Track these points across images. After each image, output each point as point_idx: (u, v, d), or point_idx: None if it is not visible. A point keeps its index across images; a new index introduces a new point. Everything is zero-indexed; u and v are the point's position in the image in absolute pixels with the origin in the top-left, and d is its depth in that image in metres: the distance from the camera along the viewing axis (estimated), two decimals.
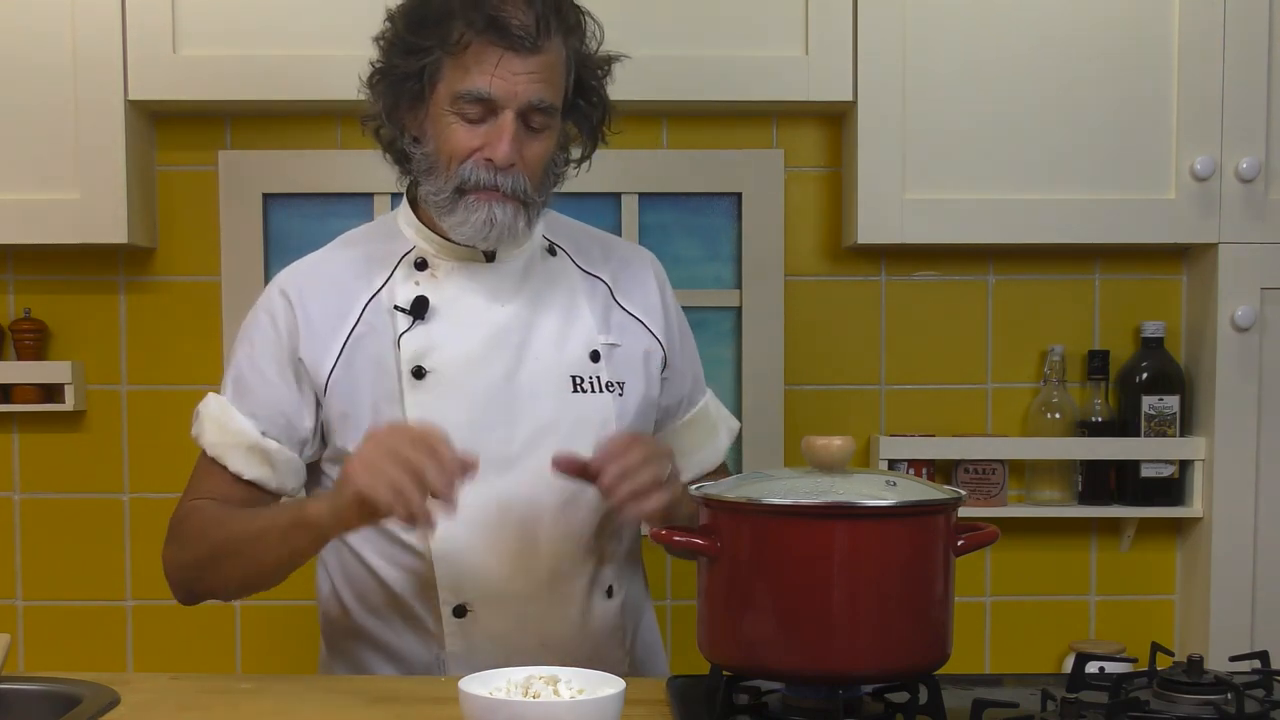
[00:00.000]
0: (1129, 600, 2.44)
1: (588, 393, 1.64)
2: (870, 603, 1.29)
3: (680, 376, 1.78)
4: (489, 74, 1.52)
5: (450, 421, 1.56)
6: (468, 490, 1.50)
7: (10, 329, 2.35)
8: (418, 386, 1.60)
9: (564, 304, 1.67)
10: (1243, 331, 2.23)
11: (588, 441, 1.60)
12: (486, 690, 1.25)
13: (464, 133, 1.55)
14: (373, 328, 1.62)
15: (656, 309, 1.75)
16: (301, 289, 1.65)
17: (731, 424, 1.85)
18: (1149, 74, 2.20)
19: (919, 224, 2.20)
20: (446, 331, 1.62)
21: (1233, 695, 1.30)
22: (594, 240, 1.78)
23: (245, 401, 1.64)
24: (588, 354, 1.65)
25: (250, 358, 1.65)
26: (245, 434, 1.63)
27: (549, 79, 1.56)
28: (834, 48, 2.20)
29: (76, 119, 2.17)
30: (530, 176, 1.57)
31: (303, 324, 1.63)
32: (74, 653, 2.40)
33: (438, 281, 1.64)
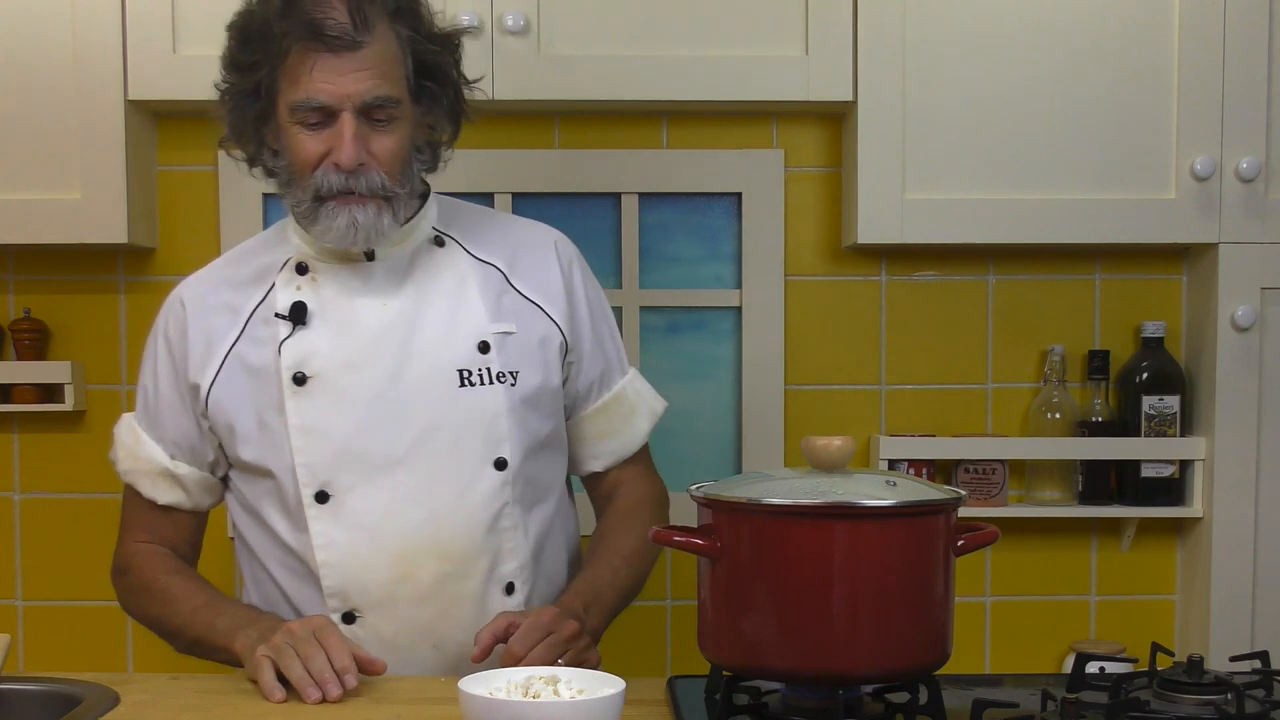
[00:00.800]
0: (1129, 600, 2.44)
1: (476, 386, 1.61)
2: (870, 603, 1.29)
3: (589, 361, 1.72)
4: (316, 80, 1.51)
5: (332, 426, 1.58)
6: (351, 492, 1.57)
7: (10, 329, 2.35)
8: (299, 393, 1.59)
9: (451, 295, 1.64)
10: (1243, 331, 2.23)
11: (477, 435, 1.60)
12: (486, 690, 1.25)
13: (308, 141, 1.54)
14: (256, 337, 1.63)
15: (558, 292, 1.69)
16: (192, 305, 1.67)
17: (655, 405, 1.80)
18: (1149, 74, 2.20)
19: (919, 224, 2.20)
20: (326, 335, 1.61)
21: (1233, 695, 1.30)
22: (492, 225, 1.74)
23: (152, 426, 1.68)
24: (475, 345, 1.62)
25: (153, 379, 1.69)
26: (154, 460, 1.67)
27: (381, 72, 1.52)
28: (834, 48, 2.20)
29: (76, 119, 2.17)
30: (387, 171, 1.55)
31: (191, 343, 1.65)
32: (74, 653, 2.40)
33: (317, 285, 1.63)
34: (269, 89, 1.55)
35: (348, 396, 1.59)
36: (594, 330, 1.73)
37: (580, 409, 1.74)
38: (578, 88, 2.19)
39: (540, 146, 2.37)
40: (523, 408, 1.64)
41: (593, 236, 2.38)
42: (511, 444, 1.62)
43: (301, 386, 1.59)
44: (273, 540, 1.65)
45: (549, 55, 2.18)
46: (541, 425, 1.67)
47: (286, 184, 1.59)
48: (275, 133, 1.58)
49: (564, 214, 2.37)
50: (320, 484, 1.59)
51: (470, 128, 2.36)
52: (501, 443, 1.62)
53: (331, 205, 1.55)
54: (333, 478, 1.59)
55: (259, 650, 1.48)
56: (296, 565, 1.64)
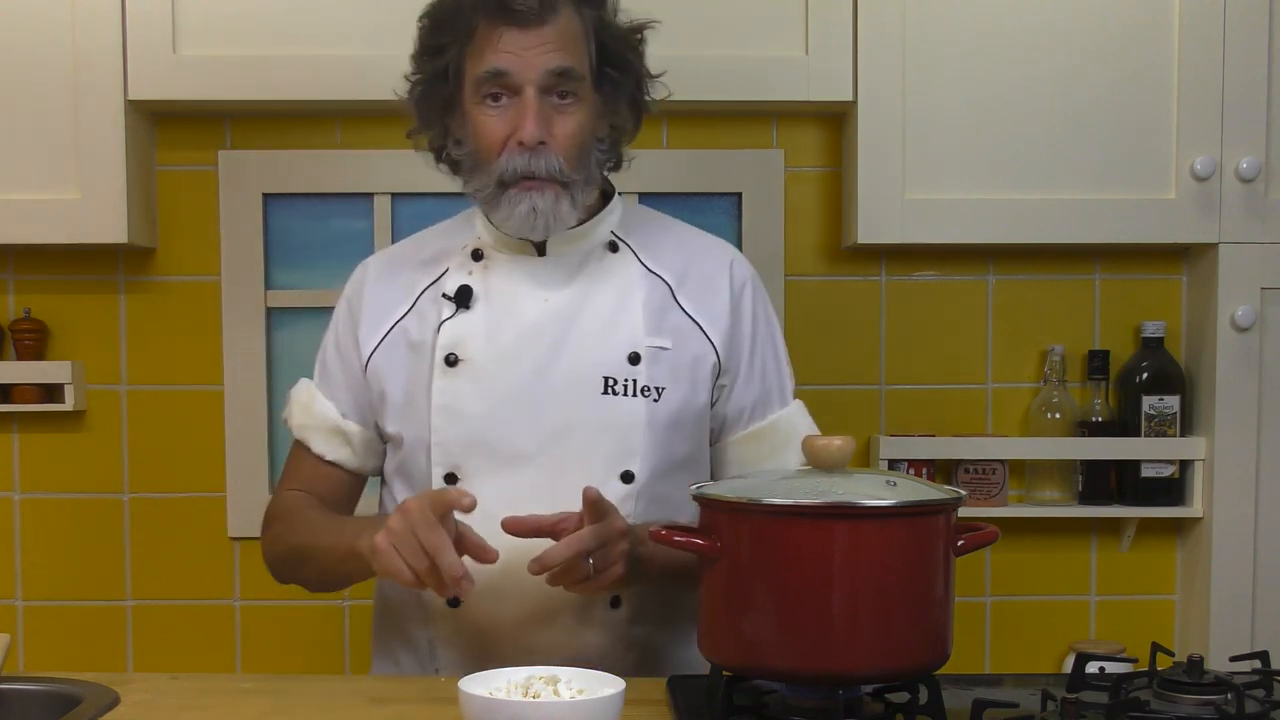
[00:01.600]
0: (1129, 600, 2.44)
1: (619, 395, 1.60)
2: (870, 603, 1.29)
3: (744, 386, 1.70)
4: (501, 52, 1.53)
5: (472, 410, 1.60)
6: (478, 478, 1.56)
7: (10, 329, 2.35)
8: (447, 373, 1.61)
9: (614, 302, 1.64)
10: (1243, 331, 2.23)
11: (609, 444, 1.59)
12: (486, 690, 1.25)
13: (492, 121, 1.55)
14: (422, 314, 1.66)
15: (723, 314, 1.67)
16: (374, 274, 1.72)
17: None
18: (1149, 74, 2.20)
19: (919, 224, 2.20)
20: (484, 321, 1.62)
21: (1233, 695, 1.30)
22: (671, 236, 1.73)
23: (327, 385, 1.72)
24: (626, 355, 1.61)
25: (333, 341, 1.73)
26: (327, 416, 1.70)
27: (564, 47, 1.54)
28: (834, 48, 2.20)
29: (76, 119, 2.17)
30: (564, 156, 1.55)
31: (366, 310, 1.69)
32: (74, 653, 2.40)
33: (488, 272, 1.65)
34: (456, 71, 1.57)
35: (492, 384, 1.60)
36: (755, 356, 1.70)
37: (729, 433, 1.72)
38: None
39: None
40: (662, 425, 1.62)
41: None
42: (643, 459, 1.61)
43: (452, 368, 1.61)
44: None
45: None
46: (680, 446, 1.65)
47: (471, 170, 1.60)
48: (460, 120, 1.60)
49: None
50: (451, 465, 1.60)
51: None
52: (633, 456, 1.60)
53: (513, 192, 1.56)
54: (464, 461, 1.60)
55: (378, 538, 1.44)
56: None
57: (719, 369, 1.67)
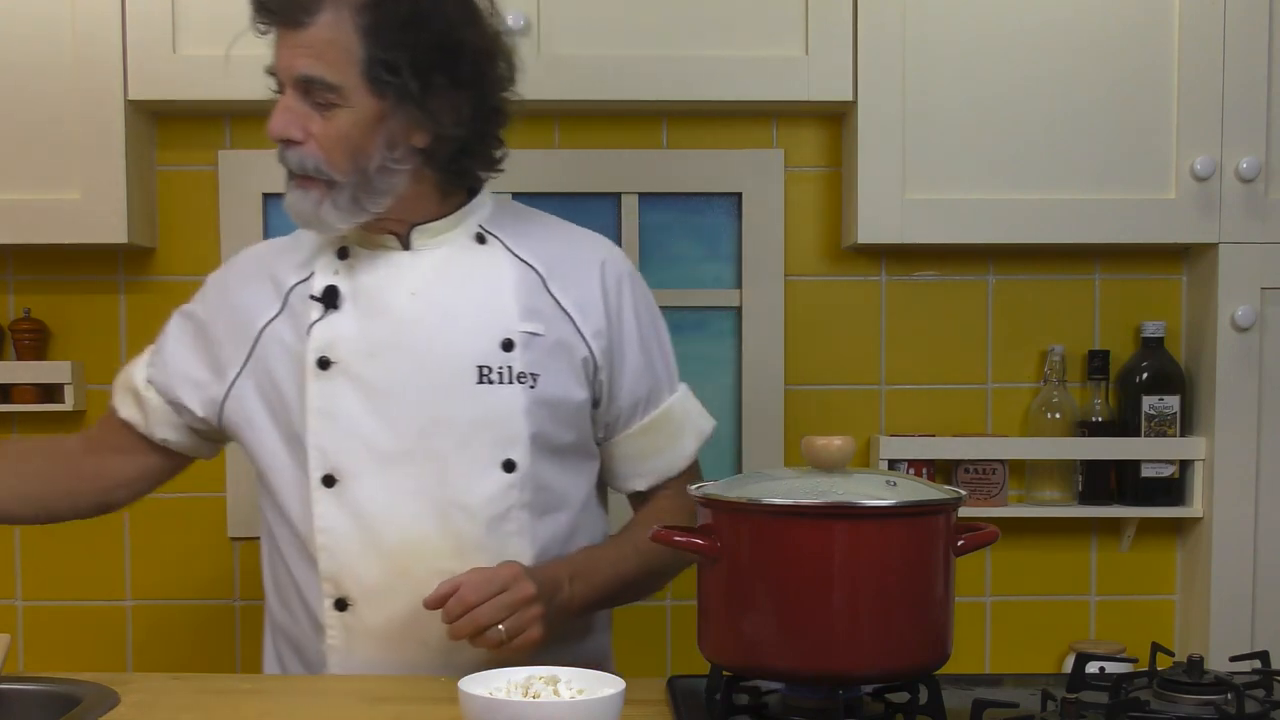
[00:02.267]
0: (1129, 600, 2.44)
1: (494, 384, 1.59)
2: (870, 603, 1.29)
3: (636, 380, 1.69)
4: (276, 49, 1.56)
5: (347, 412, 1.59)
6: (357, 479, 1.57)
7: (10, 329, 2.34)
8: (321, 377, 1.60)
9: (482, 291, 1.62)
10: (1243, 331, 2.23)
11: (488, 433, 1.58)
12: (486, 690, 1.25)
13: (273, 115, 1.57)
14: (294, 316, 1.64)
15: (595, 306, 1.65)
16: (241, 272, 1.71)
17: (703, 425, 1.76)
18: (1149, 74, 2.20)
19: (919, 224, 2.20)
20: (353, 322, 1.61)
21: (1233, 695, 1.30)
22: (543, 227, 1.72)
23: (154, 356, 1.74)
24: (499, 343, 1.60)
25: (178, 319, 1.74)
26: (132, 377, 1.73)
27: (320, 54, 1.52)
28: (834, 48, 2.20)
29: (76, 119, 2.17)
30: (325, 155, 1.53)
31: (229, 308, 1.68)
32: (74, 653, 2.40)
33: (353, 270, 1.63)
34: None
35: (366, 384, 1.59)
36: (642, 350, 1.69)
37: (624, 428, 1.71)
38: (578, 88, 2.19)
39: (540, 146, 2.37)
40: (540, 411, 1.61)
41: None
42: (523, 447, 1.60)
43: (325, 371, 1.60)
44: (284, 523, 1.65)
45: (549, 55, 2.18)
46: (560, 433, 1.64)
47: None
48: None
49: (564, 214, 2.34)
50: (329, 468, 1.59)
51: None
52: (513, 444, 1.59)
53: (291, 183, 1.58)
54: (341, 463, 1.59)
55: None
56: (302, 549, 1.63)
57: (594, 365, 1.65)
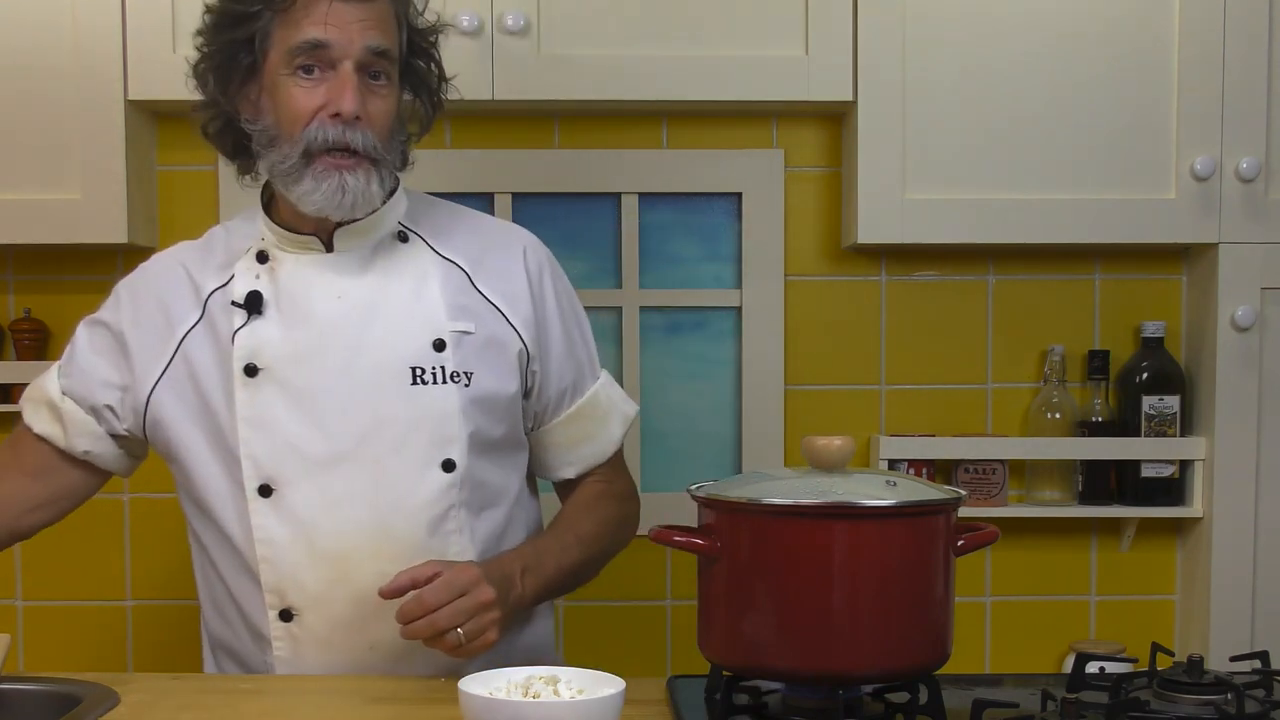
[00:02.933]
0: (1129, 600, 2.44)
1: (429, 384, 1.57)
2: (870, 603, 1.29)
3: (561, 369, 1.68)
4: (322, 22, 1.49)
5: (279, 419, 1.56)
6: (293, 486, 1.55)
7: (10, 329, 2.34)
8: (249, 384, 1.57)
9: (410, 291, 1.60)
10: (1243, 331, 2.23)
11: (425, 434, 1.57)
12: (486, 690, 1.25)
13: (304, 92, 1.51)
14: (213, 324, 1.60)
15: (522, 298, 1.65)
16: (158, 277, 1.66)
17: (627, 410, 1.76)
18: (1149, 74, 2.20)
19: (919, 224, 2.20)
20: (279, 327, 1.58)
21: (1233, 695, 1.30)
22: (461, 223, 1.70)
23: (65, 367, 1.68)
24: (431, 343, 1.58)
25: (88, 328, 1.69)
26: (46, 390, 1.67)
27: (383, 27, 1.52)
28: (834, 48, 2.20)
29: (76, 119, 2.17)
30: (378, 133, 1.53)
31: (145, 313, 1.64)
32: (74, 653, 2.40)
33: (275, 275, 1.60)
34: (263, 40, 1.52)
35: (296, 390, 1.56)
36: (565, 337, 1.69)
37: (553, 416, 1.71)
38: (578, 88, 2.19)
39: (540, 146, 2.37)
40: (475, 409, 1.60)
41: (593, 236, 2.38)
42: (460, 446, 1.59)
43: (252, 378, 1.56)
44: (218, 535, 1.62)
45: (549, 55, 2.18)
46: (494, 429, 1.63)
47: (268, 145, 1.54)
48: (256, 95, 1.55)
49: (564, 214, 2.38)
50: (264, 477, 1.56)
51: (470, 128, 2.37)
52: (450, 444, 1.58)
53: (320, 167, 1.51)
54: (277, 472, 1.56)
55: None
56: (240, 561, 1.61)
57: (527, 355, 1.65)
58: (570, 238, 2.37)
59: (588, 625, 2.37)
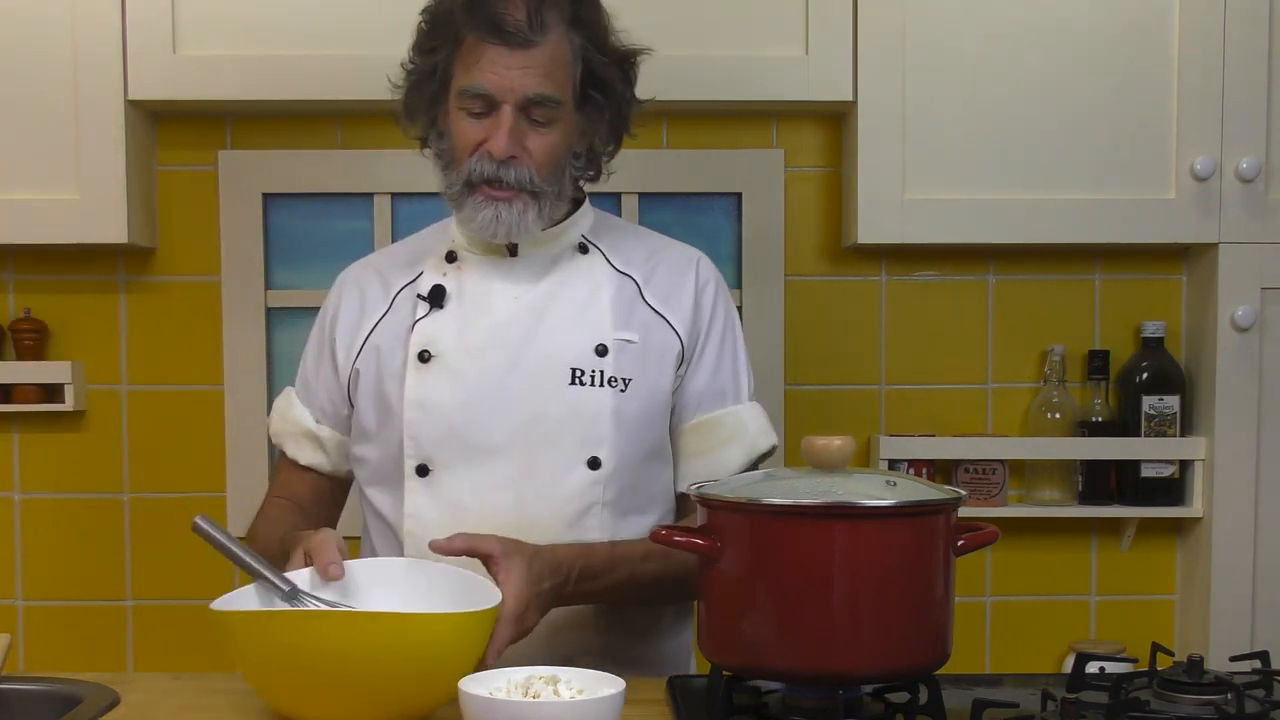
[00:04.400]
0: (1129, 600, 2.44)
1: (586, 386, 1.64)
2: (870, 603, 1.29)
3: (701, 375, 1.71)
4: (485, 70, 1.57)
5: (444, 404, 1.64)
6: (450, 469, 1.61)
7: (10, 329, 2.34)
8: (420, 369, 1.65)
9: (583, 298, 1.68)
10: (1243, 331, 2.23)
11: (576, 432, 1.62)
12: (486, 690, 1.25)
13: (469, 127, 1.60)
14: (399, 314, 1.70)
15: (686, 305, 1.72)
16: (352, 282, 1.77)
17: (759, 442, 1.73)
18: (1149, 74, 2.20)
19: (919, 224, 2.20)
20: (456, 319, 1.67)
21: (1233, 695, 1.30)
22: (640, 241, 1.78)
23: (304, 391, 1.78)
24: (594, 347, 1.65)
25: (314, 349, 1.78)
26: (301, 422, 1.76)
27: (548, 72, 1.58)
28: (834, 48, 2.20)
29: (76, 119, 2.17)
30: (537, 168, 1.60)
31: (343, 312, 1.74)
32: (74, 653, 2.40)
33: (461, 273, 1.69)
34: (444, 73, 1.62)
35: (463, 378, 1.64)
36: (710, 345, 1.72)
37: (681, 422, 1.73)
38: None
39: None
40: (630, 415, 1.65)
41: None
42: (609, 447, 1.63)
43: (425, 364, 1.65)
44: (372, 512, 1.72)
45: None
46: (649, 436, 1.68)
47: (445, 166, 1.65)
48: (444, 116, 1.64)
49: None
50: (423, 458, 1.64)
51: None
52: (600, 444, 1.63)
53: (479, 197, 1.61)
54: (435, 454, 1.64)
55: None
56: (390, 535, 1.68)
57: (682, 356, 1.70)
58: None
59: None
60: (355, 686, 1.29)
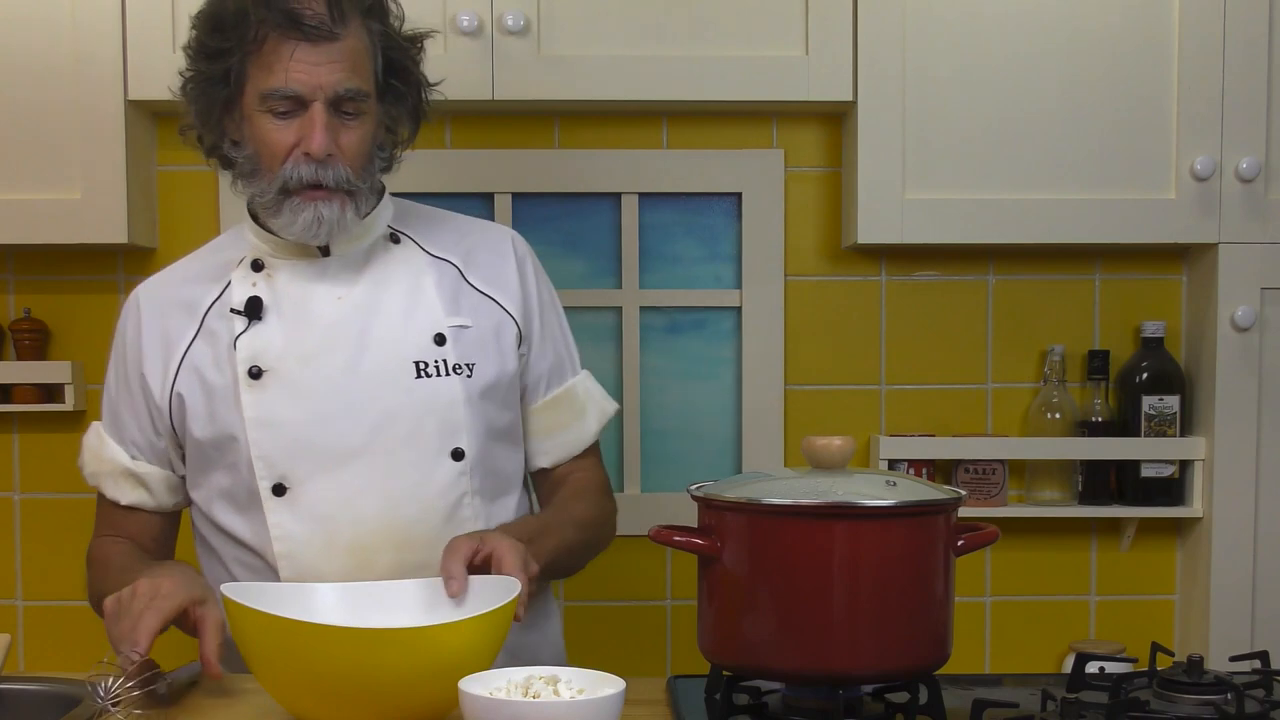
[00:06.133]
0: (1129, 600, 2.44)
1: (433, 377, 1.62)
2: (870, 603, 1.29)
3: (539, 354, 1.73)
4: (290, 68, 1.52)
5: (288, 419, 1.59)
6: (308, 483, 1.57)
7: (10, 329, 2.35)
8: (254, 386, 1.60)
9: (406, 290, 1.65)
10: (1243, 331, 2.23)
11: (433, 425, 1.61)
12: (486, 690, 1.25)
13: (277, 131, 1.54)
14: (213, 334, 1.63)
15: (512, 284, 1.70)
16: (150, 303, 1.68)
17: (606, 407, 1.79)
18: (1149, 74, 2.20)
19: (919, 224, 2.20)
20: (280, 329, 1.61)
21: (1233, 695, 1.30)
22: (448, 225, 1.75)
23: (113, 428, 1.69)
24: (431, 337, 1.63)
25: (115, 380, 1.70)
26: (116, 461, 1.68)
27: (353, 66, 1.54)
28: (834, 48, 2.20)
29: (76, 119, 2.17)
30: (351, 165, 1.56)
31: (146, 343, 1.66)
32: (74, 653, 2.40)
33: (272, 281, 1.64)
34: (238, 77, 1.54)
35: (303, 389, 1.59)
36: (544, 324, 1.74)
37: (530, 402, 1.74)
38: (578, 88, 2.19)
39: (540, 146, 2.38)
40: (480, 399, 1.64)
41: (593, 236, 2.38)
42: (469, 434, 1.62)
43: (257, 380, 1.60)
44: (228, 540, 1.65)
45: (549, 55, 2.18)
46: (499, 416, 1.68)
47: (249, 175, 1.59)
48: (238, 123, 1.58)
49: (564, 214, 2.38)
50: (278, 476, 1.59)
51: (470, 128, 2.37)
52: (458, 433, 1.62)
53: (298, 200, 1.56)
54: (290, 470, 1.59)
55: (106, 601, 1.46)
56: (254, 561, 1.63)
57: (520, 336, 1.70)
58: (570, 238, 2.38)
59: (588, 625, 2.37)
60: (373, 698, 1.29)
